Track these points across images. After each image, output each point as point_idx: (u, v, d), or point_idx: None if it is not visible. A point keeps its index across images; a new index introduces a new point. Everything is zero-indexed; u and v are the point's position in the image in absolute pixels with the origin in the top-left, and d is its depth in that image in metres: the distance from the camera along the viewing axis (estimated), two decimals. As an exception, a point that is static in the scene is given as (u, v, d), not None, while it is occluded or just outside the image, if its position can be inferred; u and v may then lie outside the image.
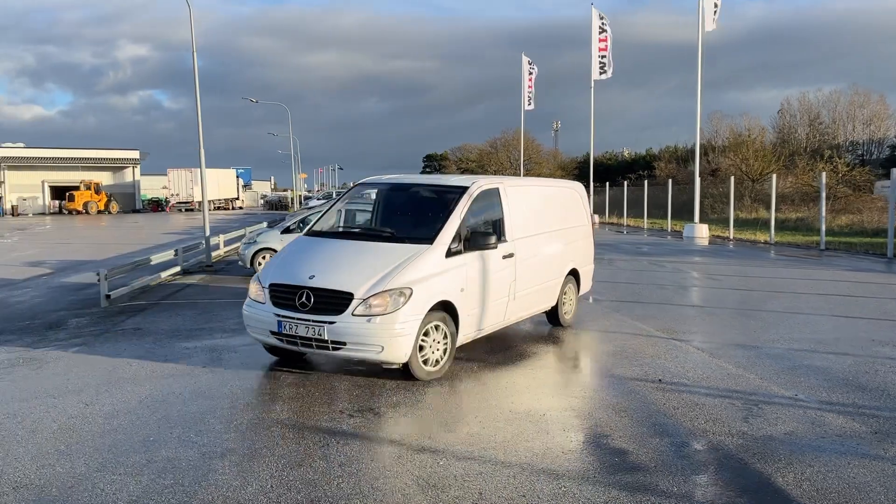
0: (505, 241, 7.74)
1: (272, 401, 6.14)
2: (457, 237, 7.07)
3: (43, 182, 64.13)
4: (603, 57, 39.10)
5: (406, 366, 6.57)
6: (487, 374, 7.10)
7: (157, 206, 68.47)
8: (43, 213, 61.50)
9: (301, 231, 11.90)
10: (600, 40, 39.07)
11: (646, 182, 36.61)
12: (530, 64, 46.09)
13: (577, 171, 69.16)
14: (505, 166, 70.20)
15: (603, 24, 38.89)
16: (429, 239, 6.96)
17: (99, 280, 11.76)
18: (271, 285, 6.92)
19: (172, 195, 66.49)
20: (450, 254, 6.95)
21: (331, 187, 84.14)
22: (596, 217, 39.93)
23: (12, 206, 60.87)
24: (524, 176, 55.62)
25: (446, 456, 4.89)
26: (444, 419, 5.73)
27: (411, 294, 6.43)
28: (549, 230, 8.80)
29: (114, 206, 62.17)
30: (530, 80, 46.03)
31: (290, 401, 6.13)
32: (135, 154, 68.28)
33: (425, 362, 6.67)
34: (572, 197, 9.90)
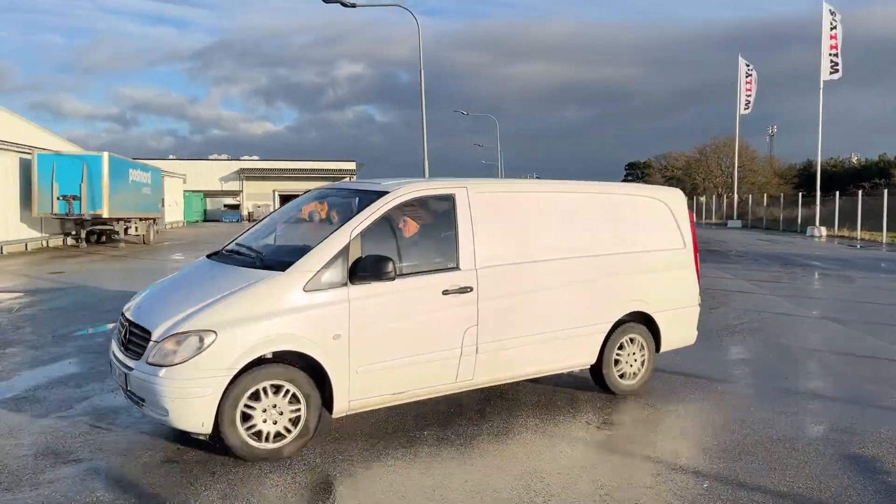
0: (457, 269, 5.60)
1: (517, 406, 6.32)
2: (338, 263, 5.15)
3: (273, 191, 71.26)
4: (834, 55, 35.93)
5: (216, 438, 4.85)
6: (729, 397, 6.79)
7: (369, 213, 73.12)
8: (272, 219, 68.21)
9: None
10: (831, 37, 35.95)
11: (885, 192, 32.92)
12: (748, 66, 43.45)
13: (797, 180, 64.02)
14: (715, 174, 66.71)
15: (834, 20, 35.74)
16: (284, 264, 5.16)
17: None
18: (121, 314, 5.65)
19: (384, 204, 70.64)
20: (316, 286, 5.04)
21: None
22: (823, 230, 36.68)
23: (249, 213, 68.31)
24: (737, 184, 52.38)
25: (707, 477, 4.76)
26: (695, 440, 5.58)
27: (214, 340, 4.71)
28: (577, 255, 6.31)
29: (333, 214, 67.37)
30: (748, 82, 43.38)
31: (535, 408, 6.27)
32: (352, 165, 73.81)
33: (253, 435, 4.88)
34: (651, 209, 6.97)
